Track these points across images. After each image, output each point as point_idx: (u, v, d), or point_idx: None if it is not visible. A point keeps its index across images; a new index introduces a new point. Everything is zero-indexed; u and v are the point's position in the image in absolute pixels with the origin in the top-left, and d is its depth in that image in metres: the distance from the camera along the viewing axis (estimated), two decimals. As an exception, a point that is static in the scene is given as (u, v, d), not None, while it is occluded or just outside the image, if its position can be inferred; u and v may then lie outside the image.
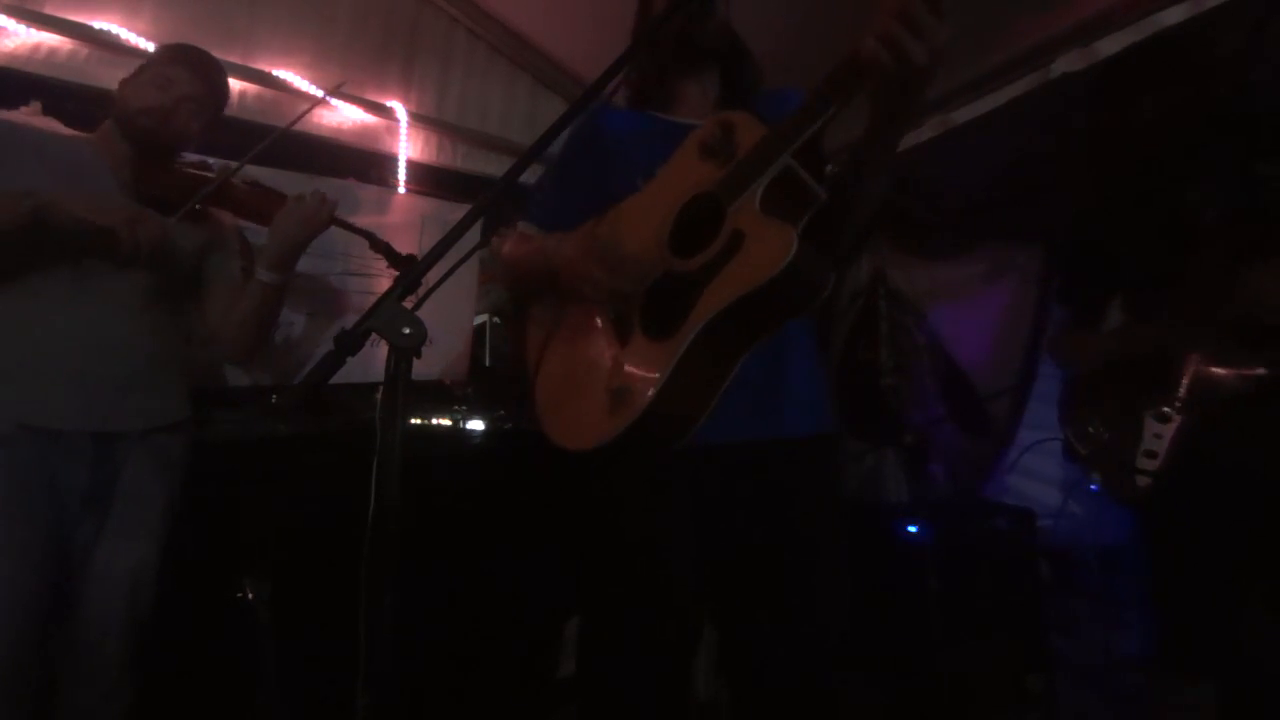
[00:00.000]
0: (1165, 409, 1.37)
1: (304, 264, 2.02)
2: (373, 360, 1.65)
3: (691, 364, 0.93)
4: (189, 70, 1.47)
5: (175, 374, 1.48)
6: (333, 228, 1.61)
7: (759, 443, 1.09)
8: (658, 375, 0.93)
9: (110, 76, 1.61)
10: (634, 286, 1.01)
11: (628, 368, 0.99)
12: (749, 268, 0.91)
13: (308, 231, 1.51)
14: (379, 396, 1.22)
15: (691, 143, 1.07)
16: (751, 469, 1.08)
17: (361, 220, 1.82)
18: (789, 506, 1.10)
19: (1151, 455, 1.37)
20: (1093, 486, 1.51)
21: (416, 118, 2.60)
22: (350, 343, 0.67)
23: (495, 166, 2.74)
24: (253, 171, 1.61)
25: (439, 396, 2.44)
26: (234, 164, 1.55)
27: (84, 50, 1.95)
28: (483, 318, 2.70)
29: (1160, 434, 1.36)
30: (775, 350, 1.09)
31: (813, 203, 0.95)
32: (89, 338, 1.33)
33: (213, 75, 1.53)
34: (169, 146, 1.50)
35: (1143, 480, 1.37)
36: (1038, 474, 2.73)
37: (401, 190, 2.52)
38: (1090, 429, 1.48)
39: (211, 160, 1.60)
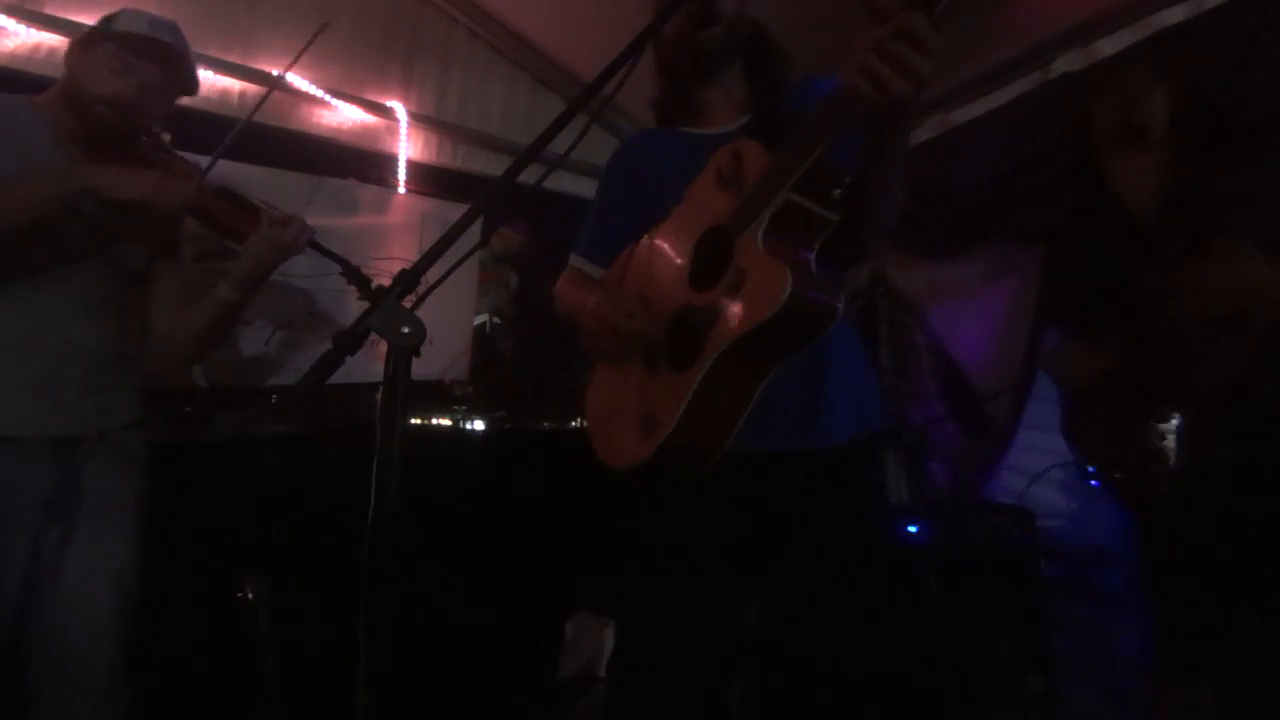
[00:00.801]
0: (1166, 410, 1.37)
1: (303, 264, 2.03)
2: (373, 360, 1.65)
3: (708, 394, 0.97)
4: (148, 59, 1.34)
5: (130, 373, 1.44)
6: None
7: (799, 453, 1.09)
8: (678, 405, 0.98)
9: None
10: (637, 338, 1.06)
11: (654, 397, 1.05)
12: (749, 307, 0.93)
13: (283, 258, 1.44)
14: (379, 396, 1.21)
15: (710, 170, 1.08)
16: (792, 480, 1.09)
17: (361, 220, 1.81)
18: (827, 519, 1.10)
19: (1162, 457, 1.37)
20: (1093, 483, 1.51)
21: (416, 118, 2.60)
22: (349, 342, 0.67)
23: (495, 166, 2.74)
24: (252, 171, 1.59)
25: (439, 396, 2.44)
26: (204, 160, 1.44)
27: (84, 50, 1.95)
28: (483, 318, 2.70)
29: (1166, 434, 1.37)
30: (813, 359, 1.09)
31: (824, 228, 0.97)
32: (42, 342, 1.29)
33: (172, 60, 1.39)
34: (129, 135, 1.40)
35: (1158, 484, 1.37)
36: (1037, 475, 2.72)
37: (401, 190, 2.52)
38: (1097, 446, 1.48)
39: (164, 133, 1.48)
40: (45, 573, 1.27)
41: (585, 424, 1.23)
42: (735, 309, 0.95)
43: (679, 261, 1.08)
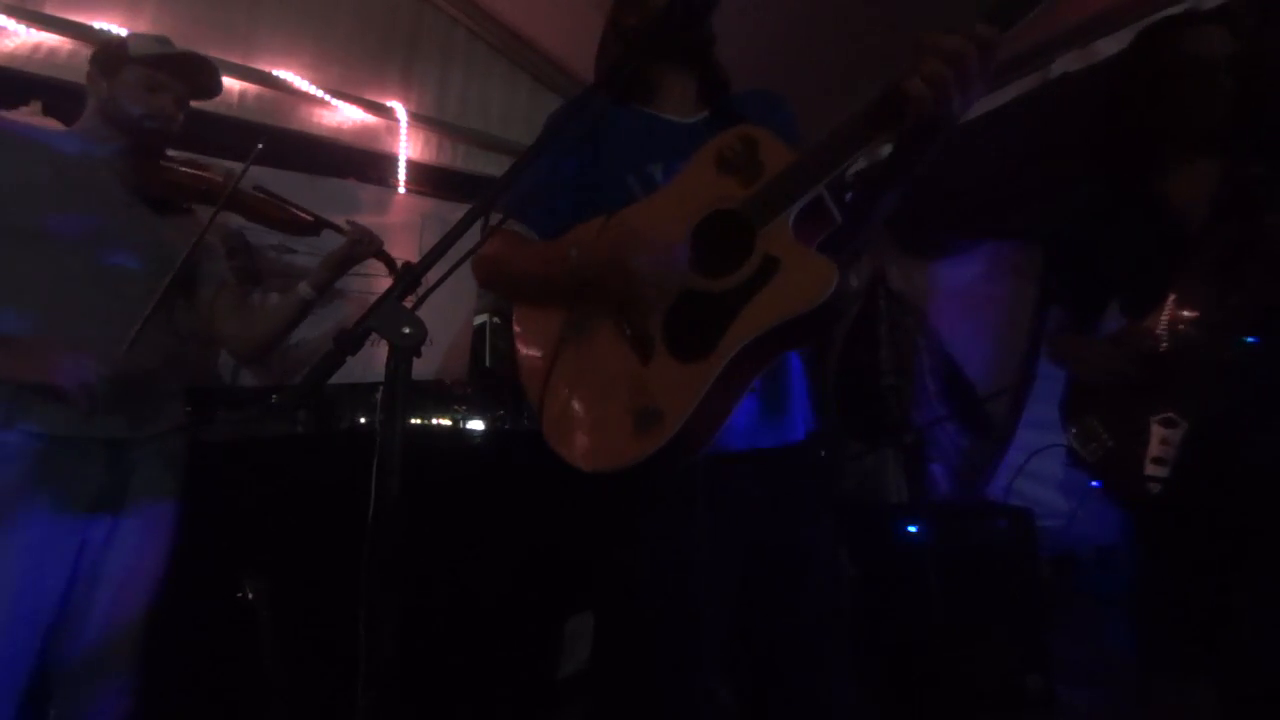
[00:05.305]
0: (1171, 415, 1.35)
1: (305, 263, 2.03)
2: (373, 360, 1.66)
3: (722, 387, 0.93)
4: (171, 74, 1.49)
5: (176, 377, 1.51)
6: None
7: (771, 450, 1.10)
8: (691, 399, 0.91)
9: (110, 77, 1.60)
10: (673, 284, 0.99)
11: (655, 389, 0.96)
12: (788, 296, 0.90)
13: (354, 264, 1.76)
14: (379, 396, 1.22)
15: (708, 153, 1.05)
16: (764, 475, 1.10)
17: (361, 220, 1.83)
18: (795, 508, 1.12)
19: (1161, 462, 1.35)
20: (1094, 483, 1.49)
21: (416, 118, 2.60)
22: (350, 342, 0.67)
23: (495, 166, 2.74)
24: (253, 171, 1.60)
25: (439, 396, 2.44)
26: (237, 167, 1.59)
27: (84, 50, 1.94)
28: (483, 318, 2.70)
29: (1168, 440, 1.35)
30: (781, 357, 1.11)
31: (830, 226, 0.97)
32: (105, 346, 1.33)
33: (191, 70, 1.53)
34: (164, 141, 1.54)
35: (1154, 487, 1.36)
36: (1038, 474, 2.73)
37: (401, 190, 2.52)
38: (1095, 435, 1.47)
39: (203, 158, 1.63)
40: (87, 566, 1.32)
41: (541, 418, 1.05)
42: (768, 296, 0.92)
43: (674, 243, 1.03)
